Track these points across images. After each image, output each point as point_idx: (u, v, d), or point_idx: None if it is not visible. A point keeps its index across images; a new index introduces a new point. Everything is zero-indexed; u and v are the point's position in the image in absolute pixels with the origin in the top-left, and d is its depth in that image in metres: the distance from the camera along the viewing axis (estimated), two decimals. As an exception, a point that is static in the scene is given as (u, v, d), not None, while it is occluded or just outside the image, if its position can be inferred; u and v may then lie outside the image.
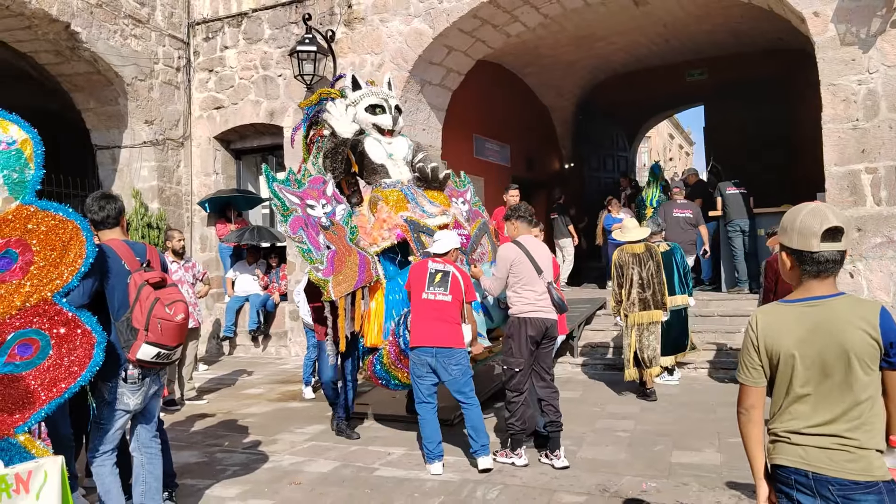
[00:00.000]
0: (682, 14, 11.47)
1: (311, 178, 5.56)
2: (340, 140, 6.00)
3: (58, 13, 8.58)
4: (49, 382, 3.18)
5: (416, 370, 4.97)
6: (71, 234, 3.20)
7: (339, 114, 6.10)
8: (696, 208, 10.01)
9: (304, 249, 5.11)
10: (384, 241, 5.67)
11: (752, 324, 2.18)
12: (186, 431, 6.17)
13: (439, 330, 4.92)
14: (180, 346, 3.70)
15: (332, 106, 6.13)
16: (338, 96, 6.21)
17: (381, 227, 5.70)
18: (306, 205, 5.31)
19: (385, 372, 5.48)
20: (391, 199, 5.86)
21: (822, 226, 2.04)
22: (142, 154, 10.26)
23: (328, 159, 5.90)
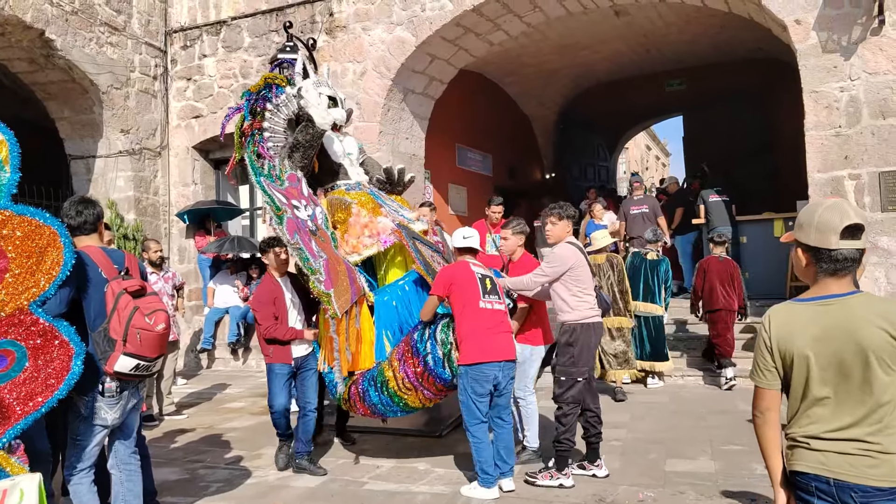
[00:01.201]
0: (662, 24, 11.53)
1: (288, 175, 5.06)
2: (319, 132, 5.38)
3: (32, 20, 8.38)
4: (25, 396, 3.03)
5: (476, 388, 4.38)
6: (48, 240, 3.06)
7: (315, 101, 5.41)
8: (652, 202, 10.06)
9: (303, 257, 4.55)
10: (367, 249, 5.12)
11: (765, 324, 2.10)
12: (166, 447, 5.97)
13: (502, 342, 4.49)
14: (161, 358, 3.55)
15: (308, 92, 5.46)
16: (284, 84, 5.61)
17: (361, 233, 5.15)
18: (292, 205, 4.81)
19: (388, 398, 4.74)
20: (363, 202, 5.30)
21: (842, 222, 1.97)
22: (117, 164, 10.04)
23: (299, 153, 5.28)
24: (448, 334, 4.57)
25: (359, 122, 9.20)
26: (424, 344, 4.60)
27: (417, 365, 4.60)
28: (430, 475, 4.95)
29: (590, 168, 15.96)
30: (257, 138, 5.33)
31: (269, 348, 5.10)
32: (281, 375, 5.11)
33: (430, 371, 4.56)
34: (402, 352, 4.71)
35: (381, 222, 5.16)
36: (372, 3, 9.32)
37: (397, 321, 4.95)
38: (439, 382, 4.61)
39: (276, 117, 5.49)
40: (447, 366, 4.53)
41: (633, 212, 9.88)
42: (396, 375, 4.66)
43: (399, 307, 4.98)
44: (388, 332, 4.93)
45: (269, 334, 5.03)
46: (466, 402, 4.42)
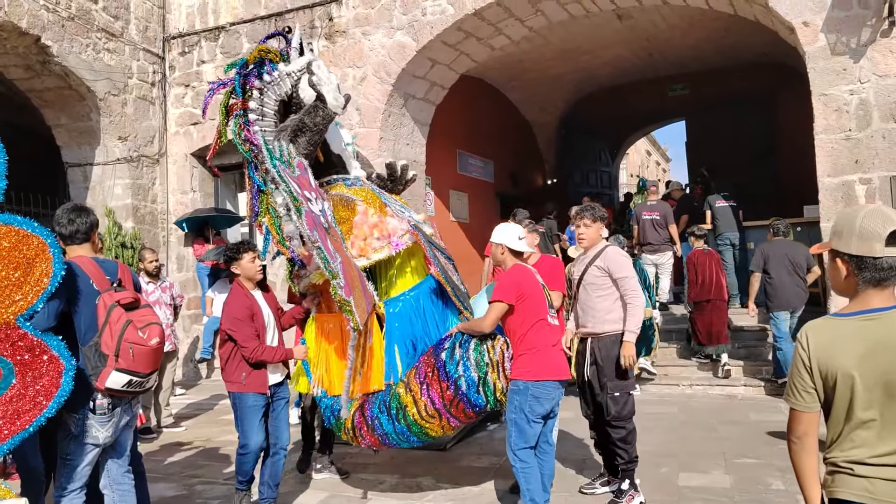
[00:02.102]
0: (665, 27, 11.42)
1: (297, 161, 4.32)
2: (330, 115, 4.56)
3: (28, 26, 8.26)
4: (12, 415, 2.88)
5: (536, 407, 3.97)
6: (36, 250, 2.91)
7: (327, 79, 4.61)
8: (664, 208, 9.88)
9: (323, 258, 3.82)
10: (376, 253, 4.39)
11: (802, 342, 1.94)
12: (163, 462, 5.81)
13: (564, 360, 4.18)
14: (154, 373, 3.39)
15: (320, 68, 4.67)
16: (277, 59, 4.79)
17: (369, 234, 4.42)
18: (305, 197, 4.09)
19: (404, 427, 4.14)
20: (369, 199, 4.60)
21: (885, 228, 1.83)
22: (115, 171, 9.91)
23: (304, 138, 4.50)
24: (483, 354, 4.06)
25: (359, 128, 9.07)
26: (456, 365, 4.04)
27: (446, 389, 4.04)
28: (435, 491, 4.80)
29: (592, 174, 15.83)
30: (242, 120, 4.57)
31: (240, 374, 4.32)
32: (256, 408, 4.33)
33: (462, 396, 4.02)
34: (423, 373, 4.13)
35: (391, 223, 4.48)
36: (372, 8, 9.21)
37: (411, 337, 4.31)
38: (470, 409, 4.09)
39: (265, 97, 4.68)
40: (482, 390, 4.04)
41: (645, 217, 9.72)
42: (417, 401, 4.09)
43: (413, 320, 4.34)
44: (401, 350, 4.28)
45: (257, 356, 4.30)
46: (520, 424, 3.97)
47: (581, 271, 4.64)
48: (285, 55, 4.81)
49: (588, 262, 4.60)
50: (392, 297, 4.43)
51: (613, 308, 4.45)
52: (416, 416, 4.10)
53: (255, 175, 4.49)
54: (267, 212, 4.43)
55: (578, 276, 4.65)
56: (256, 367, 4.34)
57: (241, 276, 4.55)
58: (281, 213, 4.26)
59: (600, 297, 4.50)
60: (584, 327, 4.60)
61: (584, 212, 4.68)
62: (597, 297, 4.51)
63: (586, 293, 4.56)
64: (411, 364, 4.23)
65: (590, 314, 4.53)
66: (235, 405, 4.37)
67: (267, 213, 4.43)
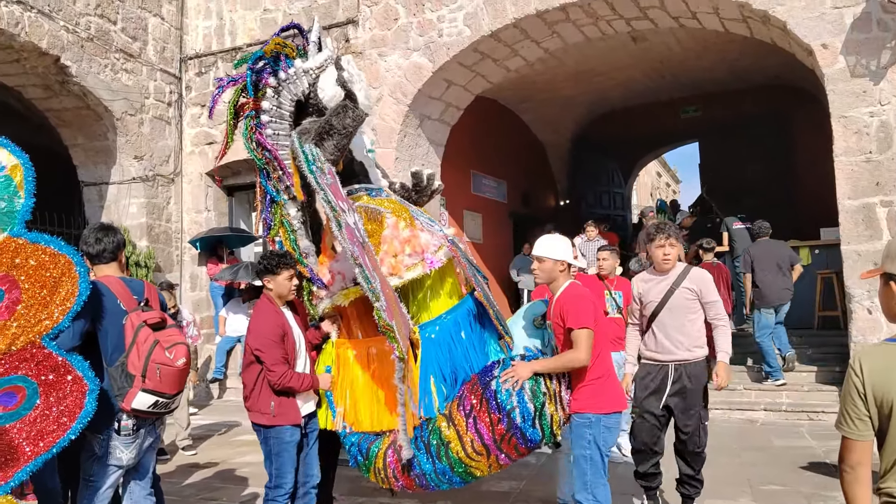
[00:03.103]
0: (679, 50, 11.44)
1: (327, 168, 3.86)
2: (362, 116, 4.07)
3: (48, 46, 8.34)
4: (35, 435, 2.84)
5: (609, 440, 3.70)
6: (63, 269, 2.89)
7: (358, 76, 4.15)
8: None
9: (366, 276, 3.42)
10: (409, 271, 3.88)
11: (856, 367, 1.88)
12: (179, 484, 5.74)
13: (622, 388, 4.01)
14: (180, 394, 3.36)
15: (350, 64, 4.18)
16: (293, 54, 4.36)
17: (401, 250, 3.92)
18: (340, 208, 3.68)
19: (446, 467, 3.66)
20: (398, 212, 4.11)
21: None
22: (130, 190, 9.94)
23: (332, 142, 4.00)
24: (539, 383, 3.64)
25: (375, 148, 9.07)
26: (509, 395, 3.59)
27: (497, 422, 3.57)
28: (455, 516, 4.70)
29: (605, 195, 15.78)
30: (253, 122, 4.15)
31: (269, 403, 3.84)
32: (291, 444, 3.87)
33: (516, 430, 3.56)
34: (469, 405, 3.67)
35: (423, 238, 3.96)
36: (388, 29, 9.26)
37: (449, 365, 3.84)
38: (523, 444, 3.64)
39: (280, 97, 4.21)
40: (538, 423, 3.60)
41: None
42: (463, 436, 3.62)
43: (453, 347, 3.87)
44: (437, 379, 3.82)
45: (285, 383, 3.83)
46: (596, 460, 3.62)
47: (663, 293, 4.32)
48: (302, 51, 4.40)
49: (673, 284, 4.32)
50: (427, 322, 3.94)
51: (702, 332, 4.29)
52: (461, 454, 3.63)
53: (268, 184, 4.13)
54: (281, 225, 4.15)
55: (659, 298, 4.33)
56: (285, 395, 3.88)
57: (271, 292, 4.02)
58: (295, 226, 4.08)
59: (691, 321, 4.30)
60: (667, 354, 4.32)
61: (667, 230, 4.38)
62: (688, 320, 4.29)
63: (673, 317, 4.30)
64: (451, 395, 3.79)
65: (677, 339, 4.28)
66: (268, 440, 3.86)
67: (281, 226, 4.15)
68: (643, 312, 4.47)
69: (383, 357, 3.87)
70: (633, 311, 4.60)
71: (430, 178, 4.90)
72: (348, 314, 4.12)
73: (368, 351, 3.98)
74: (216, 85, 4.49)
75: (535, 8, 8.33)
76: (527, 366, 3.66)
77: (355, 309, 4.04)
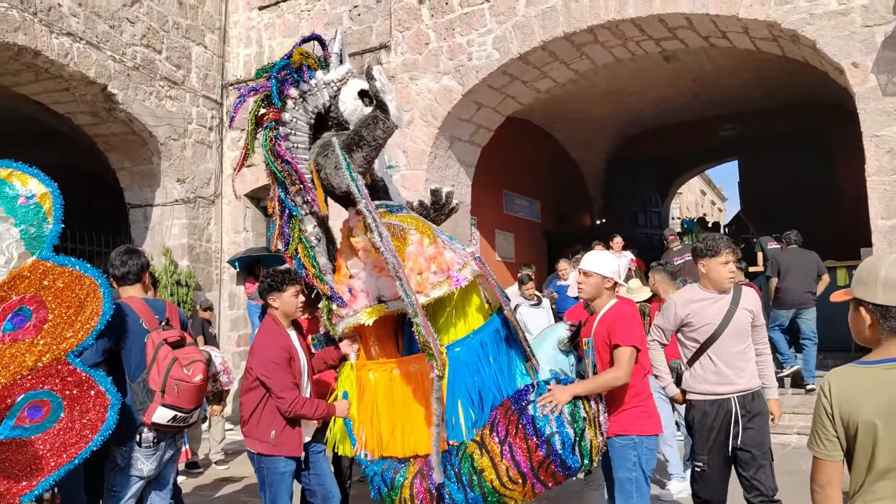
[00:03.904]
0: (713, 68, 11.39)
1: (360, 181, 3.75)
2: (393, 127, 3.87)
3: (95, 76, 8.76)
4: (59, 447, 3.03)
5: (651, 462, 3.63)
6: (88, 290, 3.09)
7: (389, 87, 3.86)
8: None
9: (406, 291, 3.37)
10: (435, 290, 3.69)
11: (825, 389, 1.94)
12: (208, 497, 5.93)
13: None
14: (198, 409, 3.53)
15: (381, 74, 3.86)
16: (315, 66, 4.28)
17: (426, 267, 3.74)
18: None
19: (479, 497, 3.48)
20: (422, 228, 3.96)
21: None
22: (173, 212, 10.31)
23: (361, 154, 3.83)
24: (579, 408, 3.49)
25: (405, 170, 9.26)
26: (547, 421, 3.42)
27: (535, 449, 3.39)
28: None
29: (641, 214, 15.69)
30: (272, 133, 4.05)
31: (269, 432, 3.65)
32: (287, 475, 3.71)
33: (555, 457, 3.39)
34: (503, 431, 3.50)
35: (448, 255, 3.84)
36: (419, 54, 9.46)
37: (477, 388, 3.66)
38: (561, 472, 3.47)
39: (300, 109, 4.15)
40: (577, 450, 3.44)
41: (677, 262, 9.63)
42: (497, 464, 3.43)
43: (481, 368, 3.71)
44: (464, 403, 3.65)
45: (297, 411, 3.63)
46: (639, 480, 3.53)
47: (722, 315, 3.82)
48: (323, 62, 4.32)
49: (731, 304, 3.83)
50: (452, 342, 3.78)
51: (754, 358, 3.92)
52: (495, 483, 3.42)
53: (287, 198, 4.01)
54: (300, 241, 4.02)
55: (718, 320, 3.81)
56: (290, 424, 3.70)
57: (277, 311, 3.89)
58: (313, 242, 3.97)
59: (749, 347, 3.87)
60: (729, 385, 3.78)
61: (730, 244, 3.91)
62: (746, 346, 3.85)
63: (736, 342, 3.80)
64: (480, 419, 3.62)
65: (738, 367, 3.80)
66: (262, 470, 3.73)
67: (300, 242, 4.02)
68: (693, 337, 3.88)
69: (407, 379, 3.75)
70: (662, 328, 4.05)
71: (449, 196, 4.79)
72: (366, 334, 4.01)
73: (391, 373, 3.84)
74: (238, 96, 4.39)
75: (563, 30, 8.43)
76: (565, 390, 3.52)
77: (374, 329, 3.93)
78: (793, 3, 7.25)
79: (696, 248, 3.96)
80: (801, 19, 7.24)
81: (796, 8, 7.24)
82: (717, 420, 3.78)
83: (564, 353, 3.94)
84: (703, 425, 3.82)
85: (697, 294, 3.95)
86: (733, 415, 3.74)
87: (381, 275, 3.83)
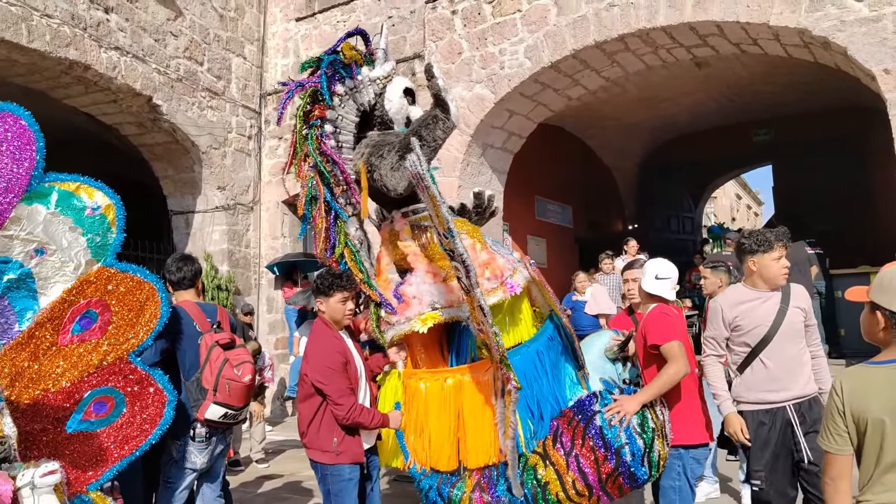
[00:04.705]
0: (746, 74, 11.39)
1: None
2: (452, 127, 3.68)
3: (141, 88, 9.12)
4: (121, 440, 3.27)
5: (696, 471, 3.57)
6: (147, 294, 3.33)
7: (447, 85, 3.65)
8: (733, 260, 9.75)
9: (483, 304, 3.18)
10: (490, 296, 3.51)
11: (837, 388, 2.08)
12: (250, 493, 6.17)
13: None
14: (247, 407, 3.76)
15: (438, 69, 3.64)
16: (361, 61, 4.09)
17: (481, 273, 3.55)
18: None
19: None
20: (472, 233, 3.82)
21: None
22: (214, 218, 10.65)
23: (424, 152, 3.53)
24: (647, 418, 3.38)
25: (438, 177, 9.44)
26: (616, 432, 3.31)
27: (604, 461, 3.28)
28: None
29: (673, 219, 15.68)
30: (318, 132, 3.87)
31: (331, 439, 3.47)
32: (352, 483, 3.52)
33: (624, 469, 3.29)
34: (568, 443, 3.38)
35: (500, 261, 3.70)
36: (452, 63, 9.65)
37: (535, 398, 3.52)
38: (628, 484, 3.37)
39: (347, 106, 3.98)
40: (646, 461, 3.34)
41: None
42: (563, 476, 3.30)
43: (538, 377, 3.57)
44: (522, 414, 3.46)
45: (354, 418, 3.45)
46: (684, 490, 3.50)
47: (773, 314, 3.53)
48: (368, 58, 4.13)
49: (782, 303, 3.56)
50: (508, 351, 3.50)
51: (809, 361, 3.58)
52: (561, 496, 3.30)
53: (333, 200, 3.85)
54: (345, 245, 3.85)
55: (770, 321, 3.52)
56: (349, 431, 3.53)
57: (325, 315, 3.68)
58: (357, 246, 3.82)
59: (803, 349, 3.57)
60: (784, 391, 3.49)
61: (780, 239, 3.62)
62: (801, 347, 3.56)
63: (791, 343, 3.52)
64: (540, 430, 3.49)
65: (793, 372, 3.51)
66: (326, 479, 3.54)
67: (345, 246, 3.84)
68: (744, 341, 3.58)
69: (460, 389, 3.59)
70: (715, 339, 3.72)
71: (491, 199, 4.55)
72: (413, 342, 3.84)
73: (444, 383, 3.66)
74: (286, 91, 4.14)
75: (594, 39, 8.55)
76: (632, 399, 3.42)
77: (420, 337, 3.75)
78: (824, 10, 7.28)
79: (745, 244, 3.66)
80: (832, 26, 7.27)
81: (827, 15, 7.27)
82: (772, 431, 3.47)
83: (611, 362, 3.84)
84: (758, 438, 3.50)
85: (744, 294, 3.64)
86: (794, 425, 3.42)
87: (433, 280, 3.70)
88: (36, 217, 3.04)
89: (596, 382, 3.68)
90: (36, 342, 3.11)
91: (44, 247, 3.10)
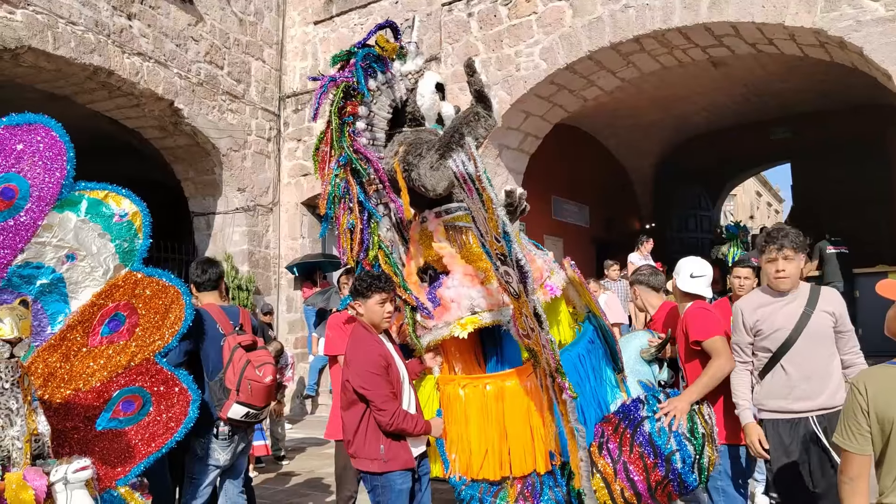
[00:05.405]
0: (763, 73, 11.36)
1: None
2: (494, 124, 3.51)
3: (163, 92, 9.30)
4: (148, 437, 3.40)
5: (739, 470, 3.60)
6: (172, 298, 3.45)
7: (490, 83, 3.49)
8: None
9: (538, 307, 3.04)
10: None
11: (859, 387, 2.07)
12: (271, 490, 6.31)
13: None
14: (267, 407, 3.88)
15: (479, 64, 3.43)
16: (393, 56, 3.90)
17: None
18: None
19: None
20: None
21: None
22: (234, 220, 10.82)
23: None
24: (696, 424, 3.27)
25: (456, 179, 9.54)
26: (666, 438, 3.19)
27: (654, 468, 3.17)
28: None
29: (691, 218, 15.64)
30: (350, 129, 3.70)
31: (378, 447, 3.27)
32: (404, 492, 3.30)
33: (675, 476, 3.17)
34: (615, 448, 3.26)
35: (539, 262, 3.58)
36: (469, 65, 9.73)
37: (578, 403, 3.27)
38: (677, 492, 3.29)
39: (379, 102, 3.80)
40: (696, 468, 3.22)
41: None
42: (611, 484, 3.19)
43: (581, 382, 3.42)
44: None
45: (398, 425, 3.26)
46: (729, 492, 3.48)
47: (796, 318, 3.29)
48: (400, 52, 3.94)
49: (807, 306, 3.30)
50: None
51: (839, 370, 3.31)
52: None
53: (367, 200, 3.71)
54: (378, 247, 3.71)
55: (792, 324, 3.29)
56: (395, 436, 3.32)
57: (363, 318, 3.46)
58: (389, 248, 3.69)
59: (832, 356, 3.30)
60: (805, 400, 3.25)
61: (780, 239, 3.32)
62: (829, 354, 3.29)
63: (814, 349, 3.26)
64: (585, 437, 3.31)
65: (820, 380, 3.25)
66: (376, 489, 3.33)
67: (379, 248, 3.71)
68: (764, 346, 3.37)
69: (501, 395, 3.43)
70: (738, 344, 3.49)
71: (522, 197, 4.05)
72: (449, 348, 3.71)
73: (484, 389, 3.48)
74: (321, 86, 3.89)
75: (609, 40, 8.60)
76: (682, 398, 3.33)
77: (456, 342, 3.62)
78: (839, 10, 7.28)
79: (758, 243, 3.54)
80: (848, 26, 7.27)
81: (843, 15, 7.27)
82: (793, 444, 3.25)
83: (647, 364, 3.81)
84: (778, 449, 3.28)
85: (765, 297, 3.45)
86: (816, 437, 3.17)
87: (472, 283, 3.55)
88: (67, 224, 3.17)
89: (634, 385, 3.62)
90: (68, 344, 3.25)
91: (74, 252, 3.23)
